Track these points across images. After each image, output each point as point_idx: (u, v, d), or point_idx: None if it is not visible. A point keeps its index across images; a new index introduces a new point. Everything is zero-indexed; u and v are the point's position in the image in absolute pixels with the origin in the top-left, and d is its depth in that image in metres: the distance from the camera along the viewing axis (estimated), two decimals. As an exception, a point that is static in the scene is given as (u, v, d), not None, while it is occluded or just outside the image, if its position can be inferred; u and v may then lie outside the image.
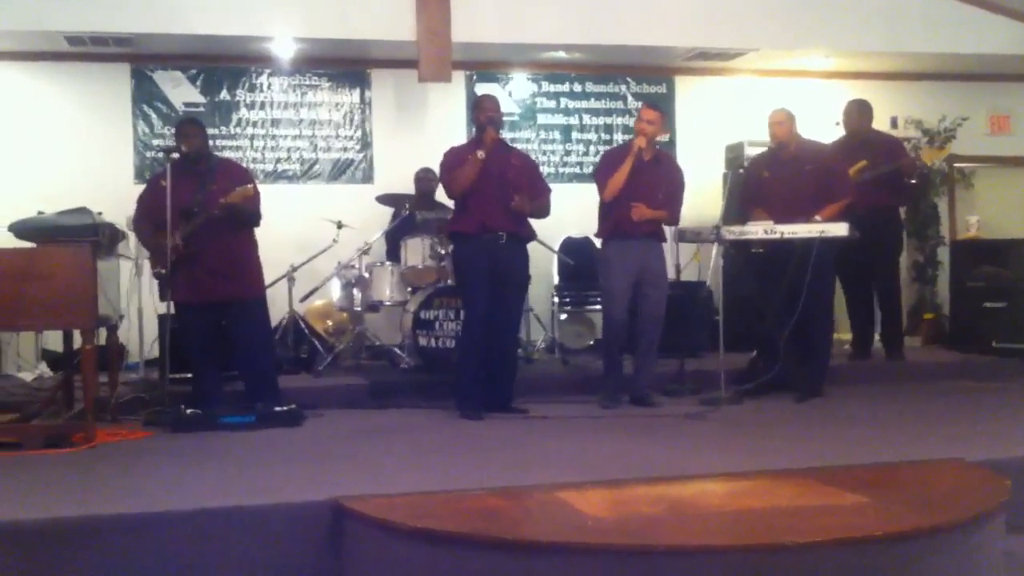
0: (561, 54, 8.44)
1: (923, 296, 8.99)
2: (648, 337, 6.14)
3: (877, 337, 7.53)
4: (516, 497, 3.79)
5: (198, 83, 8.28)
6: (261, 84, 8.40)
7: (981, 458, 4.25)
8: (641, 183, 6.03)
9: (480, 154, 5.75)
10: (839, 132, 7.52)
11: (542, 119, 8.87)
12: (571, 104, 8.91)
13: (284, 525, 3.59)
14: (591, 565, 3.11)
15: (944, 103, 9.15)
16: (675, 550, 3.12)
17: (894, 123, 8.94)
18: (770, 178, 6.46)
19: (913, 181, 7.55)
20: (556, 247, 7.91)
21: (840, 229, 6.06)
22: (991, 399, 6.40)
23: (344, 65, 8.50)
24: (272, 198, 6.78)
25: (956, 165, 9.25)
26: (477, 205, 5.81)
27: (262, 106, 8.40)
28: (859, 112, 7.40)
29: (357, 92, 8.56)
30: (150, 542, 3.48)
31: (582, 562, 3.12)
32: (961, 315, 8.32)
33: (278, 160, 8.42)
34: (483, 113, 5.94)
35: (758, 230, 6.10)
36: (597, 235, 6.36)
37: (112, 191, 7.21)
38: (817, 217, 6.12)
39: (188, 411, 5.51)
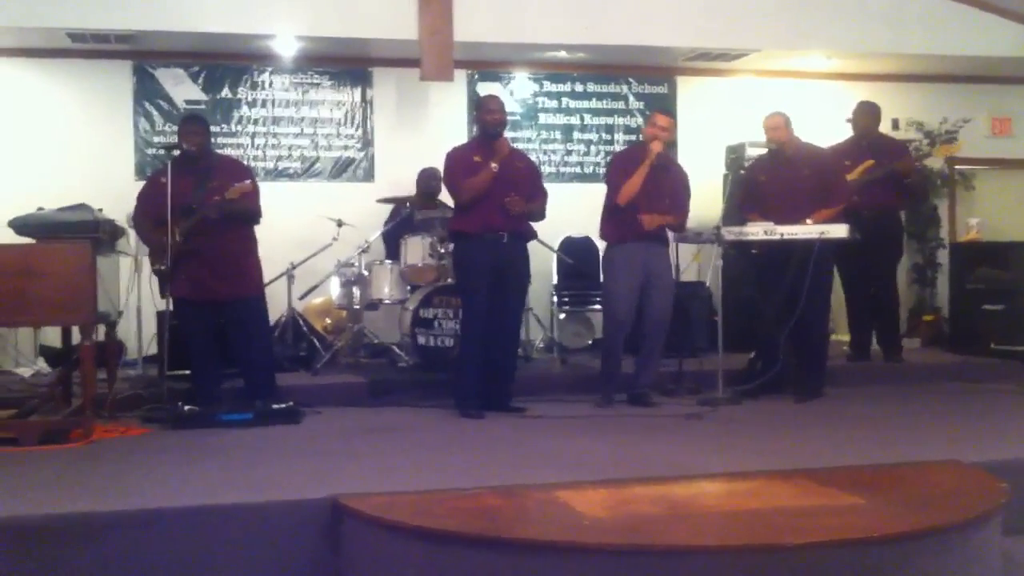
0: (562, 54, 8.44)
1: (922, 298, 8.98)
2: (653, 339, 6.14)
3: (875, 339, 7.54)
4: (514, 496, 3.80)
5: (200, 80, 8.27)
6: (263, 82, 8.38)
7: (978, 460, 4.26)
8: (649, 188, 6.03)
9: (494, 166, 5.78)
10: (841, 134, 7.52)
11: (543, 119, 8.85)
12: (572, 104, 8.90)
13: (282, 523, 3.60)
14: (589, 565, 3.12)
15: (946, 105, 9.14)
16: (673, 550, 3.13)
17: (895, 125, 8.92)
18: (767, 181, 6.44)
19: (907, 181, 7.53)
20: (556, 246, 7.91)
21: (840, 231, 6.07)
22: (988, 401, 6.40)
23: (346, 63, 8.49)
24: (272, 196, 6.78)
25: (957, 167, 9.25)
26: (480, 205, 5.81)
27: (263, 104, 8.39)
28: (870, 114, 7.43)
29: (359, 91, 8.55)
30: (147, 539, 3.48)
31: (580, 562, 3.12)
32: (960, 317, 8.33)
33: (279, 158, 8.40)
34: (488, 114, 5.94)
35: (758, 231, 6.10)
36: (602, 238, 6.36)
37: (113, 188, 7.18)
38: (808, 221, 6.12)
39: (186, 408, 5.51)
